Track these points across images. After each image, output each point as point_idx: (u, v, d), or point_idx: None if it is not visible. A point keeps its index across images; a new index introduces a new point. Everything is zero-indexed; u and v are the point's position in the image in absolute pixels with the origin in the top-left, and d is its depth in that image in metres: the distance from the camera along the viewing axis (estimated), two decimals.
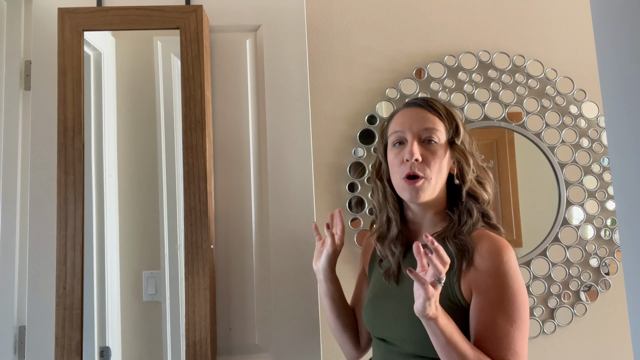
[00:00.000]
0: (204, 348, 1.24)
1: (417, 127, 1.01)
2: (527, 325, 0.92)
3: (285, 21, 1.45)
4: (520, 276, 0.93)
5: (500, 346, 0.89)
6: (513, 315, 0.90)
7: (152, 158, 1.43)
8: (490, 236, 0.96)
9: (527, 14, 1.72)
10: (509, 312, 0.90)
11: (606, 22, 0.81)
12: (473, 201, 1.01)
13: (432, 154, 0.99)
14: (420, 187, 0.98)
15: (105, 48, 1.43)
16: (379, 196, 1.09)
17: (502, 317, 0.90)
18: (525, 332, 0.91)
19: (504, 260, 0.92)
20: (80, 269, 1.24)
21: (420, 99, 1.06)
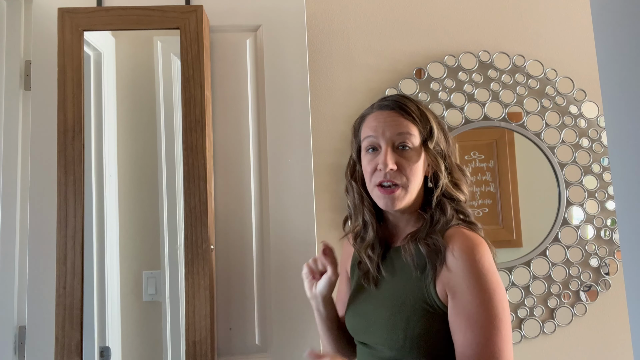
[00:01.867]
0: (204, 348, 1.24)
1: (390, 133, 0.96)
2: (506, 324, 0.87)
3: (285, 21, 1.45)
4: (496, 274, 0.88)
5: (483, 352, 0.85)
6: (490, 317, 0.85)
7: (152, 158, 1.43)
8: (462, 234, 0.91)
9: (527, 14, 1.72)
10: (485, 315, 0.85)
11: (606, 22, 0.81)
12: (448, 200, 0.97)
13: (407, 160, 0.95)
14: (397, 196, 0.95)
15: (105, 48, 1.43)
16: (354, 197, 1.04)
17: (480, 321, 0.85)
18: (505, 332, 0.86)
19: (476, 259, 0.87)
20: (80, 269, 1.24)
21: (392, 101, 1.00)
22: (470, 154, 1.67)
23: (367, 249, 1.02)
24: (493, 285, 0.87)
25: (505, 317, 0.86)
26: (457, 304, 0.87)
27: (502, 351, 0.85)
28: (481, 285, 0.86)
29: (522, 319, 1.61)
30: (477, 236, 0.92)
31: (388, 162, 0.94)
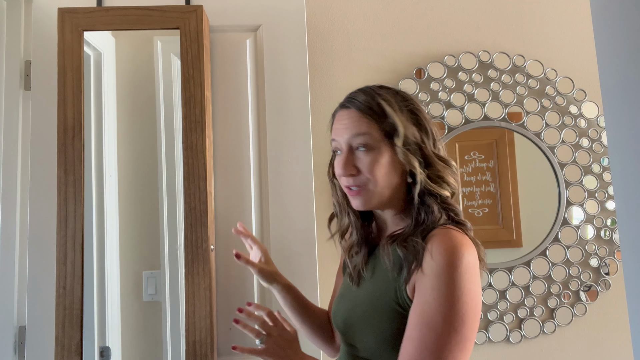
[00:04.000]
0: (204, 348, 1.24)
1: (347, 136, 0.91)
2: (461, 335, 0.79)
3: (285, 21, 1.45)
4: (471, 281, 0.81)
5: (424, 353, 0.80)
6: (445, 323, 0.79)
7: (152, 158, 1.42)
8: (445, 235, 0.85)
9: (527, 14, 1.73)
10: (441, 320, 0.80)
11: (606, 22, 0.81)
12: (432, 198, 0.91)
13: (367, 161, 0.90)
14: (362, 197, 0.92)
15: (105, 48, 1.43)
16: (337, 196, 1.02)
17: (432, 324, 0.80)
18: (455, 342, 0.79)
19: (451, 261, 0.81)
20: (80, 269, 1.24)
21: (348, 99, 0.95)
22: (470, 154, 1.67)
23: (350, 248, 1.01)
24: (460, 292, 0.80)
25: (463, 328, 0.80)
26: (417, 302, 0.83)
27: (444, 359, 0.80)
28: (446, 289, 0.80)
29: (522, 319, 1.61)
30: (462, 237, 0.85)
31: (344, 167, 0.91)
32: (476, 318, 0.82)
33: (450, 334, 0.79)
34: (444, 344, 0.79)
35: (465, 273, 0.81)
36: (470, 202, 1.65)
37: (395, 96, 0.94)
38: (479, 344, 1.60)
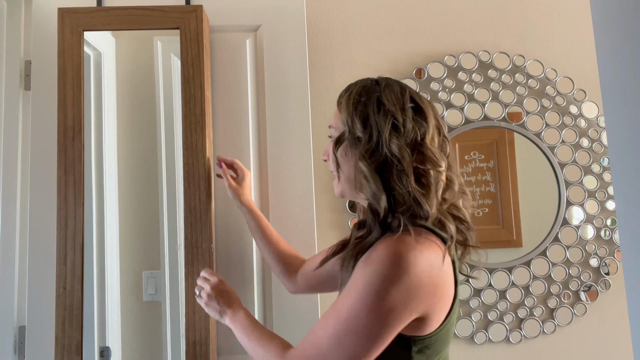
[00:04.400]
0: (204, 348, 1.24)
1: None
2: (351, 340, 0.76)
3: (285, 21, 1.45)
4: (395, 287, 0.75)
5: (314, 337, 0.81)
6: (335, 319, 0.78)
7: (152, 158, 1.42)
8: (388, 239, 0.79)
9: (527, 14, 1.73)
10: (331, 315, 0.79)
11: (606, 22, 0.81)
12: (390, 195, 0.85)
13: (329, 151, 0.92)
14: (335, 184, 0.93)
15: (105, 48, 1.43)
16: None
17: (325, 317, 0.80)
18: (340, 346, 0.76)
19: (375, 261, 0.77)
20: (80, 269, 1.24)
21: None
22: (470, 154, 1.67)
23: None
24: (374, 297, 0.75)
25: (351, 329, 0.76)
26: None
27: (309, 353, 0.80)
28: (362, 289, 0.76)
29: (522, 319, 1.61)
30: (401, 242, 0.77)
31: (324, 151, 0.97)
32: (382, 328, 0.76)
33: (349, 336, 0.77)
34: (333, 336, 0.78)
35: (381, 276, 0.75)
36: (470, 202, 1.65)
37: (358, 89, 0.91)
38: (479, 344, 1.60)
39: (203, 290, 1.09)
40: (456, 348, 1.60)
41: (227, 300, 1.06)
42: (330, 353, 0.78)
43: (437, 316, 0.80)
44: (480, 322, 1.61)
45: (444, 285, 0.80)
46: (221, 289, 1.07)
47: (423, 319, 0.79)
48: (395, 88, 0.90)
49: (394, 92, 0.88)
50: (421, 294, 0.76)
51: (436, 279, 0.78)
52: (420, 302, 0.77)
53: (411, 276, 0.75)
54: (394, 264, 0.75)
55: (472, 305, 1.60)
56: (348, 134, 0.88)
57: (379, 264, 0.76)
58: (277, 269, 1.26)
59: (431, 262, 0.77)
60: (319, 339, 0.80)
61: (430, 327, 0.80)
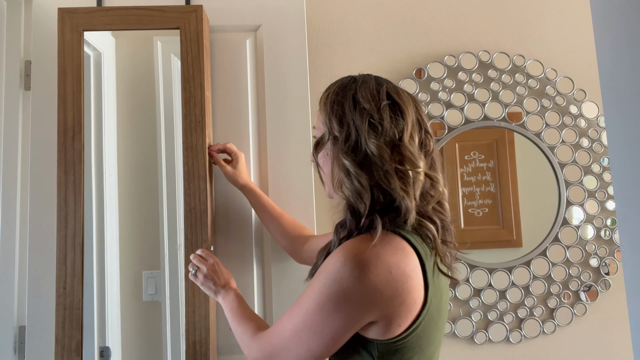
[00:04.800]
0: (204, 348, 1.24)
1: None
2: (307, 335, 0.79)
3: (285, 21, 1.45)
4: (336, 290, 0.75)
5: (275, 328, 0.87)
6: (297, 313, 0.81)
7: (152, 158, 1.42)
8: (350, 242, 0.80)
9: (527, 14, 1.73)
10: (295, 309, 0.82)
11: (606, 22, 0.81)
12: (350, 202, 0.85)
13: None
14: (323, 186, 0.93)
15: (105, 48, 1.43)
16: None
17: (291, 309, 0.83)
18: (299, 339, 0.80)
19: (331, 262, 0.78)
20: (80, 269, 1.24)
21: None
22: (470, 154, 1.67)
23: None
24: (327, 298, 0.77)
25: (309, 321, 0.79)
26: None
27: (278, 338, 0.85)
28: (317, 289, 0.78)
29: (522, 319, 1.61)
30: (357, 245, 0.77)
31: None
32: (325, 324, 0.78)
33: (307, 327, 0.79)
34: (291, 330, 0.82)
35: (333, 276, 0.76)
36: (470, 202, 1.65)
37: (335, 88, 0.89)
38: (479, 344, 1.60)
39: (199, 271, 1.14)
40: (456, 348, 1.60)
41: (222, 281, 1.13)
42: (290, 344, 0.82)
43: (398, 322, 0.78)
44: (480, 322, 1.61)
45: (407, 292, 0.77)
46: (217, 270, 1.14)
47: (381, 323, 0.78)
48: (371, 84, 0.87)
49: (370, 89, 0.86)
50: (375, 298, 0.75)
51: (395, 285, 0.75)
52: (374, 306, 0.76)
53: (364, 280, 0.75)
54: (349, 267, 0.75)
55: (472, 305, 1.60)
56: (328, 135, 0.87)
57: (334, 266, 0.76)
58: (282, 242, 1.31)
59: (389, 267, 0.75)
60: (283, 329, 0.84)
61: (391, 332, 0.78)
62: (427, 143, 0.86)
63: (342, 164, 0.82)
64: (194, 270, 1.15)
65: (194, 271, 1.15)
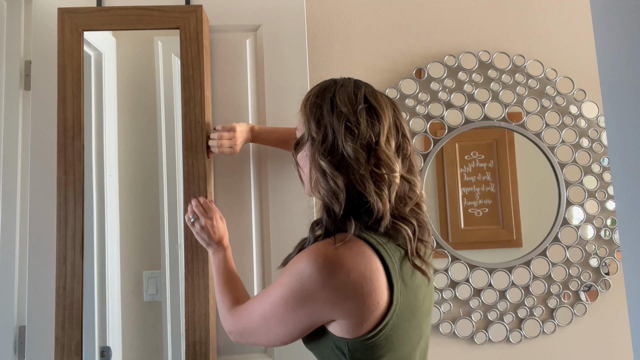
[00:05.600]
0: (204, 348, 1.24)
1: None
2: (274, 322, 0.85)
3: (285, 21, 1.45)
4: (298, 286, 0.80)
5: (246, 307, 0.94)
6: (266, 299, 0.86)
7: (152, 158, 1.42)
8: (318, 243, 0.83)
9: (527, 14, 1.73)
10: (267, 294, 0.86)
11: (606, 22, 0.81)
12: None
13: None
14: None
15: (106, 48, 1.43)
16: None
17: (263, 293, 0.89)
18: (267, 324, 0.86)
19: (298, 259, 0.81)
20: (80, 269, 1.24)
21: None
22: (470, 154, 1.67)
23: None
24: (290, 291, 0.81)
25: (272, 308, 0.85)
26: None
27: (246, 315, 0.92)
28: (284, 281, 0.83)
29: (522, 319, 1.61)
30: (324, 246, 0.80)
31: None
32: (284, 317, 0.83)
33: (272, 312, 0.85)
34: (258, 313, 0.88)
35: (299, 273, 0.80)
36: (470, 202, 1.65)
37: (316, 90, 0.92)
38: (479, 344, 1.60)
39: (198, 221, 1.18)
40: (456, 348, 1.60)
41: (217, 236, 1.18)
42: (259, 327, 0.89)
43: (361, 322, 0.79)
44: (480, 322, 1.61)
45: (368, 294, 0.78)
46: (214, 226, 1.18)
47: (344, 322, 0.80)
48: (350, 88, 0.89)
49: (347, 93, 0.88)
50: (335, 299, 0.79)
51: (354, 287, 0.78)
52: (334, 306, 0.79)
53: (325, 283, 0.78)
54: (311, 269, 0.78)
55: (472, 305, 1.60)
56: (307, 136, 0.89)
57: (299, 265, 0.80)
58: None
59: (348, 271, 0.78)
60: (253, 313, 0.90)
61: (357, 331, 0.80)
62: (404, 146, 0.88)
63: (319, 164, 0.85)
64: (194, 219, 1.19)
65: (193, 219, 1.19)
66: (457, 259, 1.61)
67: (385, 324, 0.80)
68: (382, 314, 0.80)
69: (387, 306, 0.80)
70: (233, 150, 1.26)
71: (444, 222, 1.64)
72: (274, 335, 0.88)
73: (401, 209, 0.85)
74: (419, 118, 1.64)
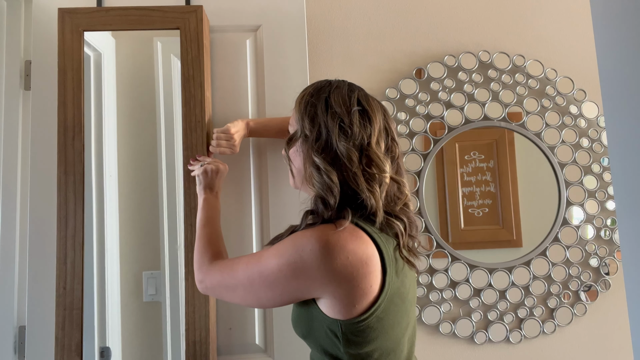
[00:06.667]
0: (204, 348, 1.24)
1: None
2: (259, 286, 0.88)
3: (285, 21, 1.45)
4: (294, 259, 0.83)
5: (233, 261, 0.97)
6: (256, 263, 0.89)
7: (152, 158, 1.43)
8: (321, 225, 0.87)
9: (527, 14, 1.73)
10: (257, 258, 0.90)
11: (606, 22, 0.81)
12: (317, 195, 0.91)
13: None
14: (289, 176, 1.00)
15: (106, 48, 1.43)
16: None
17: (252, 257, 0.92)
18: (251, 285, 0.90)
19: (299, 235, 0.86)
20: (80, 269, 1.24)
21: None
22: (470, 154, 1.67)
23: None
24: (285, 261, 0.84)
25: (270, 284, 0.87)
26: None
27: (226, 269, 0.96)
28: (279, 250, 0.86)
29: (522, 319, 1.61)
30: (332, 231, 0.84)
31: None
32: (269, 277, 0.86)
33: (249, 269, 0.90)
34: (237, 270, 0.93)
35: (287, 249, 0.85)
36: (470, 202, 1.65)
37: (310, 90, 0.96)
38: (479, 344, 1.60)
39: (206, 165, 1.21)
40: (456, 348, 1.60)
41: (213, 184, 1.21)
42: (240, 287, 0.92)
43: (354, 303, 0.83)
44: (480, 322, 1.61)
45: (362, 277, 0.83)
46: (216, 174, 1.21)
47: (336, 301, 0.84)
48: (344, 90, 0.94)
49: (342, 94, 0.92)
50: (330, 279, 0.82)
51: (351, 269, 0.82)
52: (328, 285, 0.83)
53: (324, 261, 0.82)
54: (314, 245, 0.82)
55: (472, 305, 1.60)
56: (300, 132, 0.93)
57: (302, 240, 0.84)
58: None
59: (347, 254, 0.82)
60: (237, 272, 0.93)
61: (350, 313, 0.84)
62: (393, 149, 0.94)
63: (313, 160, 0.89)
64: (203, 164, 1.21)
65: (201, 165, 1.21)
66: (457, 259, 1.61)
67: (377, 307, 0.84)
68: (374, 298, 0.84)
69: (379, 290, 0.85)
70: (233, 151, 1.30)
71: (444, 222, 1.64)
72: (254, 297, 0.91)
73: (392, 208, 0.91)
74: (419, 118, 1.64)
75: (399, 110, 1.64)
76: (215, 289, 1.00)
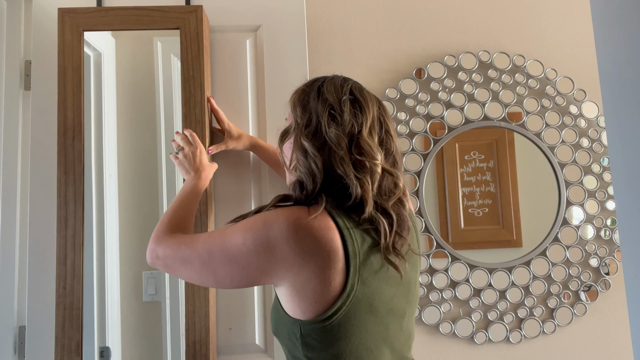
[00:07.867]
0: (204, 348, 1.24)
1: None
2: (218, 261, 0.85)
3: (285, 21, 1.45)
4: (263, 232, 0.81)
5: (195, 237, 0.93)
6: (218, 238, 0.87)
7: (152, 158, 1.43)
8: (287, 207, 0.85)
9: (527, 14, 1.73)
10: (220, 235, 0.88)
11: (606, 22, 0.81)
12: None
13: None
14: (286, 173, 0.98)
15: (105, 48, 1.43)
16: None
17: (215, 233, 0.90)
18: (210, 259, 0.86)
19: (263, 214, 0.84)
20: (80, 269, 1.24)
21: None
22: (470, 154, 1.67)
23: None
24: (252, 236, 0.82)
25: (208, 244, 0.87)
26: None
27: (183, 243, 0.92)
28: (242, 228, 0.84)
29: (522, 319, 1.61)
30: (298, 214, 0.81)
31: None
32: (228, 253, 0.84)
33: (206, 247, 0.87)
34: (193, 243, 0.90)
35: (251, 227, 0.82)
36: (470, 202, 1.65)
37: (307, 83, 0.97)
38: (479, 344, 1.60)
39: (182, 151, 1.20)
40: (456, 348, 1.60)
41: (196, 164, 1.19)
42: (197, 258, 0.88)
43: (310, 296, 0.80)
44: (480, 322, 1.61)
45: (323, 267, 0.80)
46: (197, 155, 1.20)
47: (293, 294, 0.82)
48: (338, 81, 0.94)
49: (335, 84, 0.93)
50: (291, 261, 0.80)
51: (314, 256, 0.79)
52: (288, 266, 0.80)
53: (290, 242, 0.79)
54: (282, 224, 0.80)
55: (472, 305, 1.60)
56: (295, 125, 0.91)
57: (271, 216, 0.82)
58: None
59: (313, 240, 0.79)
60: (198, 242, 0.89)
61: (309, 311, 0.81)
62: (387, 142, 0.90)
63: (301, 144, 0.87)
64: (178, 150, 1.21)
65: (177, 151, 1.21)
66: (457, 259, 1.61)
67: (337, 309, 0.80)
68: (334, 297, 0.80)
69: (340, 290, 0.81)
70: (235, 145, 1.33)
71: (444, 222, 1.64)
72: (209, 273, 0.87)
73: (383, 201, 0.86)
74: (419, 118, 1.64)
75: (399, 110, 1.64)
76: (167, 259, 0.95)
